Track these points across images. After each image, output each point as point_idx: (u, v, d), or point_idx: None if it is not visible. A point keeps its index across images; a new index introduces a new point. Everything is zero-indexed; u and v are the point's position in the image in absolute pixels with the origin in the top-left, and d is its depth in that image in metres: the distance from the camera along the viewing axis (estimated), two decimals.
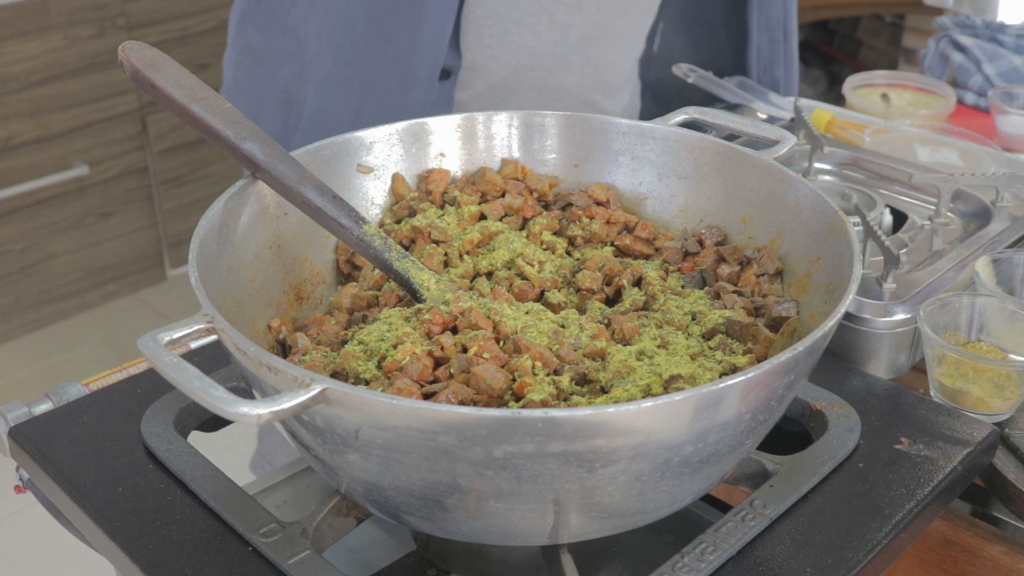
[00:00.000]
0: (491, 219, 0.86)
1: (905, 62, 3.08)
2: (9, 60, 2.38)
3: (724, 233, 0.85)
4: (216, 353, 0.85)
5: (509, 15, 1.13)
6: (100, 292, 2.76)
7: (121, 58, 0.77)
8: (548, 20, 1.15)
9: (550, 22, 1.15)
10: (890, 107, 1.45)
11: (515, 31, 1.14)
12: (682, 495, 0.65)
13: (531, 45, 1.16)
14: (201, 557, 0.67)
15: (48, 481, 0.74)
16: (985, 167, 1.20)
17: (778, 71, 1.36)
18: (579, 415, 0.54)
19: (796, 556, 0.67)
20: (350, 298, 0.79)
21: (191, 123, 0.76)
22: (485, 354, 0.66)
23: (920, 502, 0.72)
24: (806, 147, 1.17)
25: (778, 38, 1.33)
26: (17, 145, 2.46)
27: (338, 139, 0.85)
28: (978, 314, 0.88)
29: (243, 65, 1.27)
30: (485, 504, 0.60)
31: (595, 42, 1.20)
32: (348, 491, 0.66)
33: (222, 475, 0.72)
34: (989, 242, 0.99)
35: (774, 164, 0.82)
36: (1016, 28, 1.62)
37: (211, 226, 0.72)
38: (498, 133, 0.91)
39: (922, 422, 0.79)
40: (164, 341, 0.60)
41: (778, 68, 1.36)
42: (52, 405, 0.81)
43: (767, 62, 1.35)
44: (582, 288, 0.80)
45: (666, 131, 0.88)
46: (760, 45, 1.34)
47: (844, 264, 0.71)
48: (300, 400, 0.55)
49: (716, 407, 0.58)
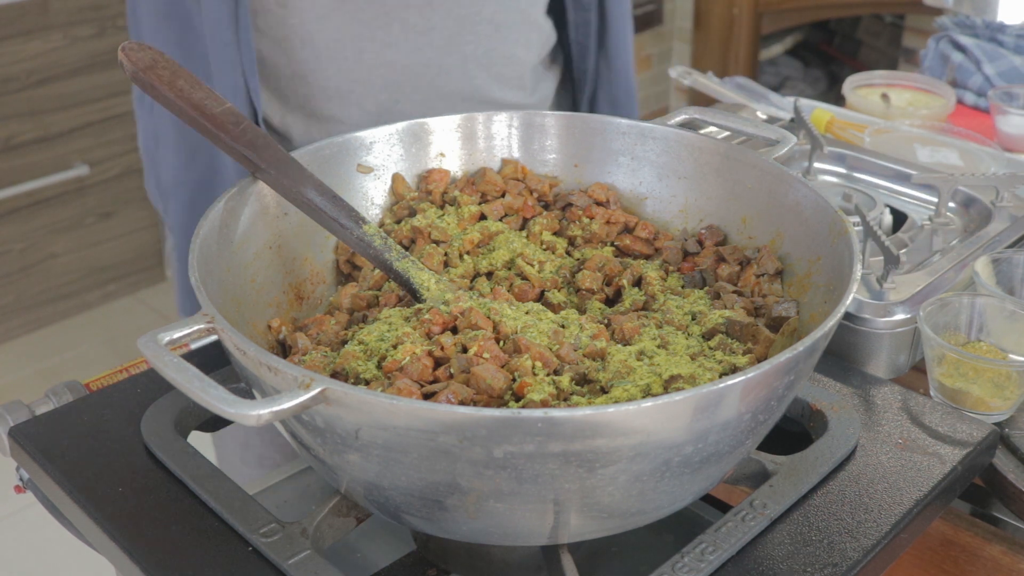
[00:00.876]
0: (491, 219, 0.86)
1: (905, 62, 3.08)
2: (9, 60, 2.38)
3: (724, 233, 0.85)
4: (216, 353, 0.85)
5: (357, 32, 1.04)
6: (100, 292, 2.76)
7: (121, 58, 0.77)
8: (400, 27, 1.04)
9: (403, 29, 1.05)
10: (890, 107, 1.45)
11: (369, 48, 1.04)
12: (682, 495, 0.65)
13: (391, 58, 1.05)
14: (201, 557, 0.67)
15: (48, 481, 0.74)
16: (985, 167, 1.20)
17: (589, 60, 1.20)
18: (579, 415, 0.54)
19: (796, 556, 0.67)
20: (350, 298, 0.79)
21: (191, 123, 0.76)
22: (485, 354, 0.66)
23: (920, 502, 0.72)
24: (806, 147, 1.17)
25: (591, 20, 1.18)
26: (17, 145, 2.46)
27: (338, 139, 0.85)
28: (978, 314, 0.88)
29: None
30: (485, 504, 0.60)
31: (467, 38, 1.08)
32: (348, 491, 0.66)
33: (222, 475, 0.72)
34: (989, 242, 0.99)
35: (774, 164, 0.82)
36: (1016, 28, 1.62)
37: (211, 226, 0.72)
38: (498, 133, 0.91)
39: (922, 422, 0.79)
40: (164, 341, 0.60)
41: (590, 57, 1.20)
42: (52, 405, 0.81)
43: (581, 47, 1.19)
44: (582, 288, 0.80)
45: (666, 131, 0.88)
46: (577, 26, 1.18)
47: (844, 264, 0.71)
48: (300, 400, 0.55)
49: (716, 407, 0.58)
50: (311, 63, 1.04)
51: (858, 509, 0.71)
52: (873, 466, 0.75)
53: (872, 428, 0.79)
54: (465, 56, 1.08)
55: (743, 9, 3.34)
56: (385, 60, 1.05)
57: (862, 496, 0.72)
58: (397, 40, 1.04)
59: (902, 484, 0.73)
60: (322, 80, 1.05)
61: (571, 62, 1.21)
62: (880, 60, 3.55)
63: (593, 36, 1.19)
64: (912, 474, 0.74)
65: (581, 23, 1.18)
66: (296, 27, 1.02)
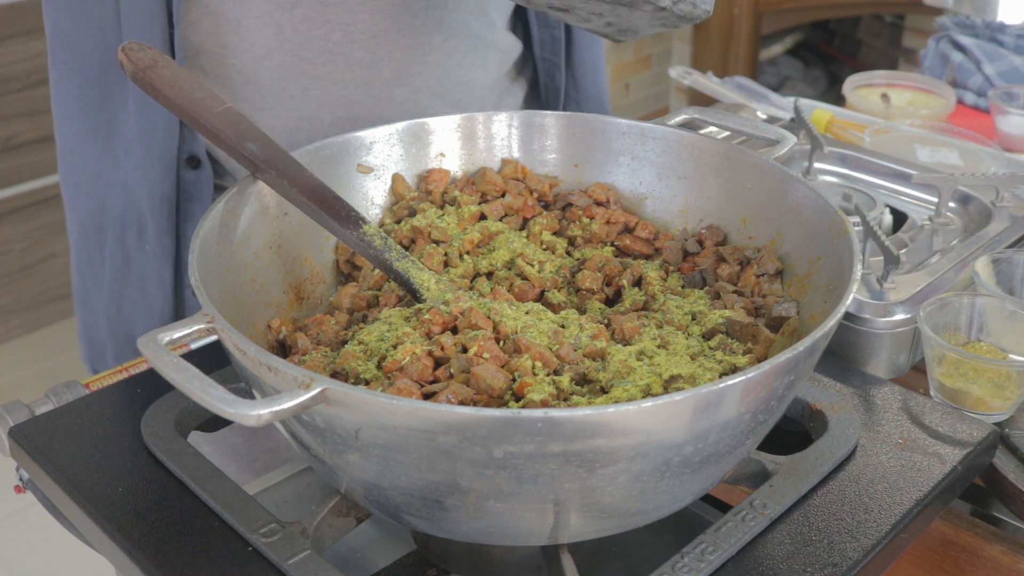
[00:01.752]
0: (491, 219, 0.86)
1: (905, 62, 3.08)
2: (9, 60, 2.38)
3: (724, 233, 0.85)
4: (216, 353, 0.85)
5: (300, 70, 0.99)
6: None
7: (121, 58, 0.77)
8: (345, 62, 1.00)
9: (348, 64, 1.00)
10: (890, 107, 1.45)
11: (314, 85, 1.00)
12: (682, 495, 0.65)
13: (339, 94, 1.01)
14: (201, 557, 0.67)
15: (48, 481, 0.74)
16: (985, 167, 1.20)
17: (559, 77, 1.17)
18: (579, 415, 0.54)
19: (796, 556, 0.67)
20: (350, 298, 0.79)
21: (190, 123, 0.76)
22: (485, 354, 0.66)
23: (920, 502, 0.72)
24: (806, 147, 1.17)
25: (558, 37, 1.14)
26: (17, 145, 2.46)
27: (338, 139, 0.85)
28: (978, 314, 0.88)
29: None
30: (485, 504, 0.60)
31: (416, 68, 1.03)
32: (348, 491, 0.66)
33: (222, 475, 0.72)
34: (989, 242, 0.99)
35: (774, 164, 0.82)
36: (1016, 28, 1.62)
37: (211, 226, 0.72)
38: (498, 133, 0.91)
39: (922, 422, 0.79)
40: (164, 341, 0.60)
41: (559, 74, 1.17)
42: (52, 405, 0.81)
43: (549, 64, 1.16)
44: (582, 288, 0.80)
45: (666, 131, 0.88)
46: (543, 43, 1.14)
47: (844, 264, 0.71)
48: (300, 400, 0.55)
49: (716, 407, 0.58)
50: (256, 102, 1.01)
51: (858, 509, 0.71)
52: (873, 466, 0.75)
53: (872, 428, 0.79)
54: (416, 87, 1.05)
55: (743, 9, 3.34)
56: (332, 96, 1.02)
57: (862, 496, 0.72)
58: (343, 76, 1.01)
59: (902, 484, 0.73)
60: (269, 119, 1.02)
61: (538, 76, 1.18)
62: (880, 60, 3.55)
63: (561, 54, 1.16)
64: (912, 474, 0.74)
65: (547, 40, 1.15)
66: (237, 67, 0.99)
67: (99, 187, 1.06)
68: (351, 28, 0.99)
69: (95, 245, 1.09)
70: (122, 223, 1.07)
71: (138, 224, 1.06)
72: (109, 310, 1.11)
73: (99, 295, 1.12)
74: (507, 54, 1.13)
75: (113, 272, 1.09)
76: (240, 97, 1.01)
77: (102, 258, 1.10)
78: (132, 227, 1.06)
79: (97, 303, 1.12)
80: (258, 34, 0.97)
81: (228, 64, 0.99)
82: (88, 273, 1.12)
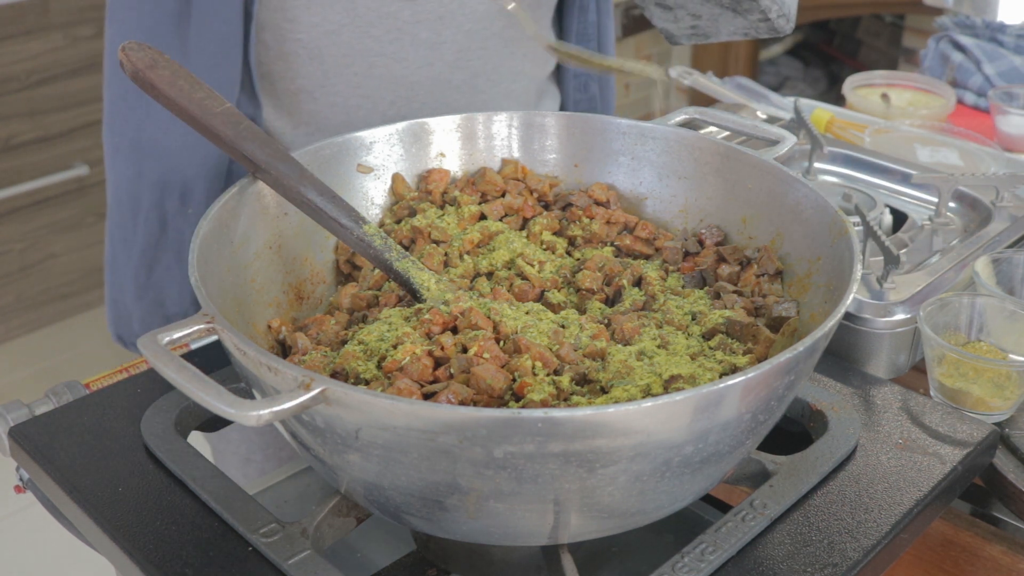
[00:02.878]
0: (491, 219, 0.86)
1: (905, 62, 3.08)
2: (9, 60, 2.38)
3: (724, 233, 0.85)
4: (216, 353, 0.85)
5: (367, 47, 1.02)
6: (100, 292, 2.75)
7: (121, 58, 0.77)
8: (411, 42, 1.03)
9: (413, 44, 1.03)
10: (890, 107, 1.45)
11: (379, 63, 1.03)
12: (682, 495, 0.65)
13: (401, 73, 1.04)
14: (201, 557, 0.67)
15: (48, 481, 0.74)
16: (985, 167, 1.20)
17: (593, 87, 1.22)
18: (579, 415, 0.54)
19: (796, 556, 0.67)
20: (350, 298, 0.79)
21: (191, 123, 0.76)
22: (485, 354, 0.66)
23: (920, 502, 0.72)
24: (806, 147, 1.17)
25: (592, 48, 1.19)
26: (17, 145, 2.46)
27: (338, 139, 0.85)
28: (978, 314, 0.88)
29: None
30: (485, 504, 0.60)
31: (476, 53, 1.07)
32: (348, 491, 0.66)
33: (222, 475, 0.72)
34: (989, 242, 0.99)
35: (774, 164, 0.82)
36: (1016, 28, 1.62)
37: (211, 226, 0.72)
38: (498, 133, 0.91)
39: (922, 422, 0.79)
40: (164, 341, 0.60)
41: (593, 84, 1.22)
42: (52, 405, 0.81)
43: (584, 77, 1.21)
44: (582, 288, 0.80)
45: (666, 131, 0.88)
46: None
47: (844, 264, 0.71)
48: (300, 400, 0.55)
49: (716, 407, 0.58)
50: (319, 79, 1.03)
51: (858, 509, 0.71)
52: (873, 466, 0.75)
53: (872, 428, 0.79)
54: (475, 71, 1.08)
55: None
56: (395, 75, 1.04)
57: (862, 496, 0.72)
58: (407, 55, 1.03)
59: (902, 484, 0.73)
60: (331, 96, 1.04)
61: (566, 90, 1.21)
62: (880, 60, 3.55)
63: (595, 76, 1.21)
64: (912, 474, 0.74)
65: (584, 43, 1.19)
66: (304, 42, 1.01)
67: (138, 152, 1.07)
68: (419, 7, 1.01)
69: (129, 211, 1.11)
70: (161, 189, 1.07)
71: (181, 189, 1.07)
72: (139, 276, 1.12)
73: (128, 261, 1.12)
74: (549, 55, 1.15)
75: (147, 238, 1.10)
76: (303, 74, 1.03)
77: (135, 224, 1.10)
78: (174, 193, 1.07)
79: (126, 268, 1.13)
80: (330, 9, 0.99)
81: (294, 39, 1.01)
82: (119, 238, 1.13)
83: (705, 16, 1.00)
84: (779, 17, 0.96)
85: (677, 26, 1.03)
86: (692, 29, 1.03)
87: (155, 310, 1.13)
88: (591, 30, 1.17)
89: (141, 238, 1.10)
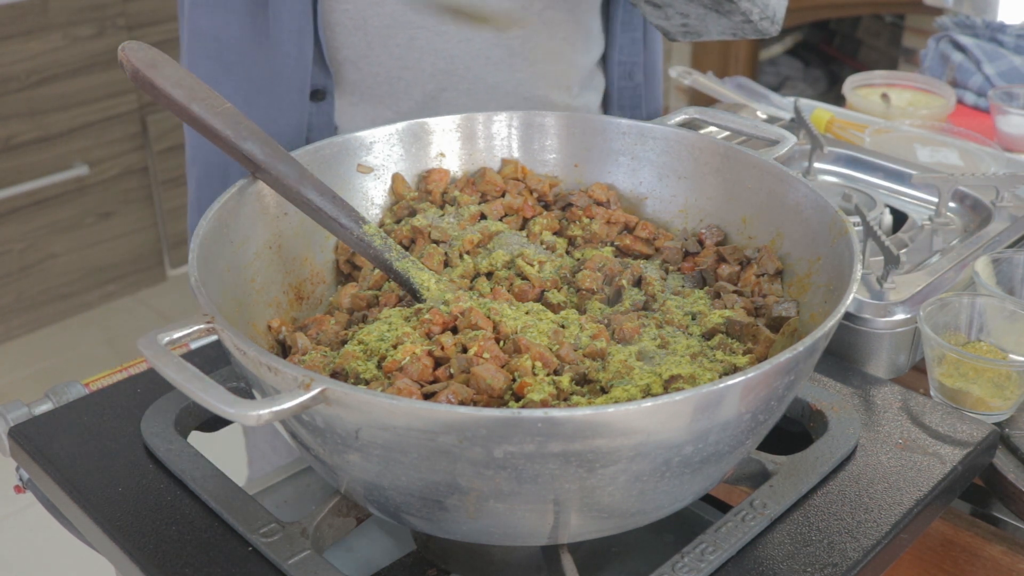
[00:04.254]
0: (491, 219, 0.86)
1: (905, 62, 3.08)
2: (9, 60, 2.38)
3: (724, 233, 0.85)
4: (216, 353, 0.85)
5: (409, 19, 1.05)
6: (100, 292, 2.76)
7: (121, 58, 0.77)
8: (452, 17, 1.06)
9: (454, 18, 1.06)
10: (890, 107, 1.45)
11: (421, 35, 1.06)
12: (682, 495, 0.65)
13: (441, 46, 1.07)
14: (201, 557, 0.67)
15: (48, 481, 0.74)
16: (985, 167, 1.20)
17: (638, 75, 1.24)
18: (579, 415, 0.54)
19: (796, 556, 0.67)
20: (350, 298, 0.79)
21: (191, 123, 0.76)
22: (485, 354, 0.66)
23: (920, 502, 0.72)
24: (806, 147, 1.17)
25: (638, 38, 1.21)
26: (17, 145, 2.46)
27: (338, 139, 0.85)
28: (978, 314, 0.88)
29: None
30: (485, 504, 0.60)
31: (515, 32, 1.09)
32: (348, 491, 0.66)
33: (222, 475, 0.72)
34: (989, 242, 0.99)
35: (774, 164, 0.82)
36: (1016, 28, 1.62)
37: (211, 226, 0.72)
38: (498, 133, 0.91)
39: (922, 422, 0.79)
40: (164, 341, 0.60)
41: (638, 72, 1.24)
42: (52, 405, 0.81)
43: (629, 65, 1.23)
44: (582, 288, 0.80)
45: (666, 131, 0.88)
46: (622, 47, 1.21)
47: (844, 264, 0.71)
48: (300, 400, 0.55)
49: (716, 407, 0.58)
50: (362, 48, 1.06)
51: (858, 509, 0.71)
52: (873, 466, 0.75)
53: (872, 428, 0.79)
54: (513, 50, 1.10)
55: None
56: (435, 48, 1.07)
57: (862, 496, 0.72)
58: (448, 29, 1.06)
59: (902, 484, 0.73)
60: (373, 66, 1.07)
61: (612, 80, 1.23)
62: (880, 60, 3.55)
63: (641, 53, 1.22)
64: (912, 474, 0.74)
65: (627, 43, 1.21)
66: (350, 12, 1.04)
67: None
68: None
69: (219, 184, 1.14)
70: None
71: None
72: None
73: None
74: (592, 41, 1.18)
75: None
76: (347, 43, 1.06)
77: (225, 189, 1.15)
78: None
79: None
80: None
81: (340, 10, 1.05)
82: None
83: (693, 15, 1.01)
84: (762, 20, 0.97)
85: (669, 23, 1.05)
86: (683, 27, 1.05)
87: None
88: (637, 19, 1.20)
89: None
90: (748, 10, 0.98)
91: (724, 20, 1.01)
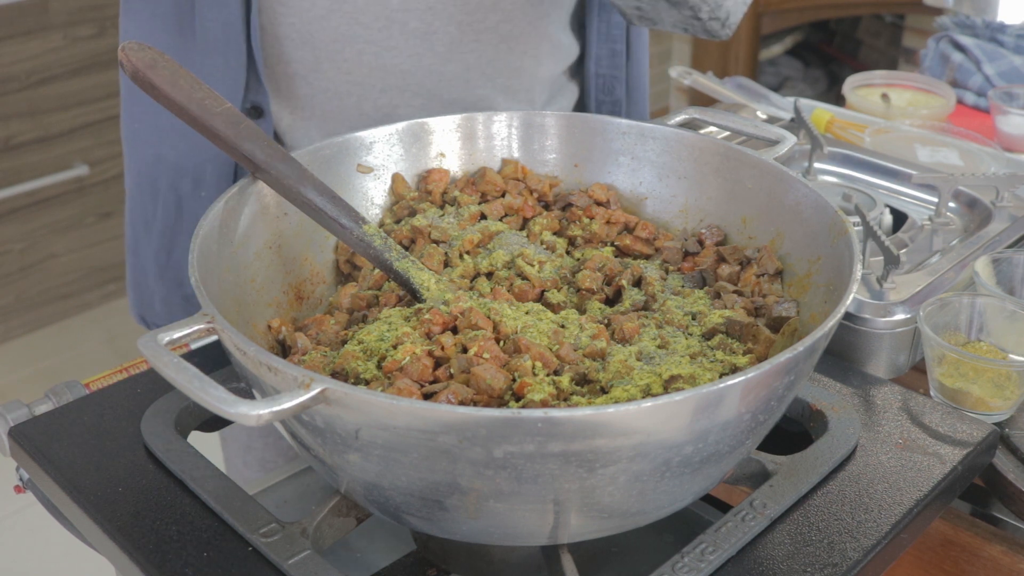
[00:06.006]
0: (491, 219, 0.86)
1: (905, 62, 3.08)
2: (9, 60, 2.38)
3: (724, 233, 0.85)
4: (216, 353, 0.85)
5: (356, 34, 1.02)
6: (100, 292, 2.76)
7: (121, 58, 0.77)
8: (400, 31, 1.03)
9: (403, 33, 1.03)
10: (890, 107, 1.45)
11: (368, 50, 1.03)
12: (682, 495, 0.65)
13: (391, 62, 1.04)
14: (201, 557, 0.67)
15: (48, 481, 0.74)
16: (985, 167, 1.20)
17: (619, 90, 1.19)
18: (579, 415, 0.54)
19: (796, 556, 0.67)
20: (350, 298, 0.79)
21: (191, 123, 0.76)
22: (485, 354, 0.66)
23: (920, 502, 0.72)
24: (806, 147, 1.17)
25: (620, 51, 1.17)
26: (17, 145, 2.46)
27: (338, 139, 0.85)
28: (978, 314, 0.88)
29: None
30: (485, 504, 0.60)
31: (469, 46, 1.06)
32: (348, 491, 0.66)
33: (222, 475, 0.72)
34: (989, 242, 0.99)
35: (774, 164, 0.82)
36: (1016, 28, 1.62)
37: (211, 226, 0.72)
38: (498, 133, 0.91)
39: (922, 422, 0.79)
40: (164, 341, 0.60)
41: (619, 87, 1.19)
42: (52, 405, 0.81)
43: (608, 79, 1.18)
44: (582, 288, 0.80)
45: (666, 131, 0.88)
46: (599, 59, 1.17)
47: (844, 264, 0.71)
48: (300, 400, 0.55)
49: (716, 407, 0.58)
50: (311, 63, 1.04)
51: (858, 509, 0.71)
52: (873, 466, 0.75)
53: (872, 428, 0.79)
54: (468, 64, 1.07)
55: None
56: (384, 64, 1.04)
57: (862, 496, 0.72)
58: (397, 44, 1.04)
59: (902, 484, 0.73)
60: (323, 81, 1.05)
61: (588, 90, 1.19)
62: (880, 60, 3.55)
63: (623, 67, 1.18)
64: (912, 474, 0.74)
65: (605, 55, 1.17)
66: (296, 26, 1.03)
67: (157, 136, 1.10)
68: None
69: (148, 194, 1.13)
70: (176, 172, 1.10)
71: (194, 173, 1.09)
72: (159, 257, 1.15)
73: (149, 243, 1.15)
74: (561, 52, 1.14)
75: (165, 220, 1.13)
76: (296, 58, 1.05)
77: (155, 207, 1.13)
78: (187, 176, 1.09)
79: (147, 251, 1.16)
80: None
81: (287, 23, 1.03)
82: (140, 221, 1.15)
83: (646, 1, 1.01)
84: (711, 19, 0.97)
85: (624, 3, 1.04)
86: (637, 10, 1.04)
87: (175, 290, 1.16)
88: (617, 31, 1.16)
89: (160, 220, 1.13)
90: (697, 6, 0.96)
91: (675, 12, 1.00)
